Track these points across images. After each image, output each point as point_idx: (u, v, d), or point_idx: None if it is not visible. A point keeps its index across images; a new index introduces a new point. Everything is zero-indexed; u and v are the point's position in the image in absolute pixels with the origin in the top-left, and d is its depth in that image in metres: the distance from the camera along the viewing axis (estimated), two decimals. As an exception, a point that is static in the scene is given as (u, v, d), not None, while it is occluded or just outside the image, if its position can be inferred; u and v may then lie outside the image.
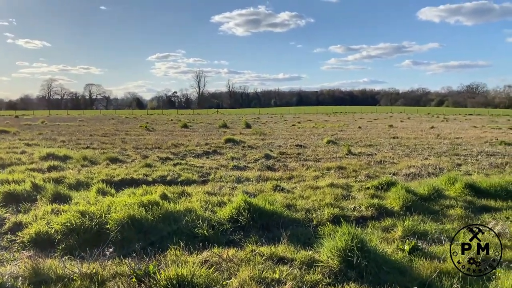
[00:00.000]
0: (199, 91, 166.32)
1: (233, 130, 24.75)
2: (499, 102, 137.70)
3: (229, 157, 12.17)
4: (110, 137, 18.73)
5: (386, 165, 11.01)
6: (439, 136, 20.58)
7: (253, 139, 17.92)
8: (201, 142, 16.24)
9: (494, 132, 23.83)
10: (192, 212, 5.78)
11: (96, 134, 20.50)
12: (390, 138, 19.17)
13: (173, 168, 9.97)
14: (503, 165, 10.91)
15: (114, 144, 15.67)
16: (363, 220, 5.93)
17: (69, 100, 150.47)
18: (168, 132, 22.28)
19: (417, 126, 31.00)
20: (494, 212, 6.20)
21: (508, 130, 25.77)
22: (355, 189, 7.74)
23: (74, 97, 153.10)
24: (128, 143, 15.94)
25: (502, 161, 11.62)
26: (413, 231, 5.10)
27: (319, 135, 21.08)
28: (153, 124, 31.31)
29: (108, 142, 16.45)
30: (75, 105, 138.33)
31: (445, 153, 13.61)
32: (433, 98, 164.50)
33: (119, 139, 17.74)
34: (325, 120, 41.43)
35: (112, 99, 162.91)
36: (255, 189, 7.70)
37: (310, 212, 6.10)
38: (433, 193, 6.86)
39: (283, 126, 30.63)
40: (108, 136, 19.33)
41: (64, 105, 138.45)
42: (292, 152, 13.57)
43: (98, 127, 27.30)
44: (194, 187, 7.89)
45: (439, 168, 10.38)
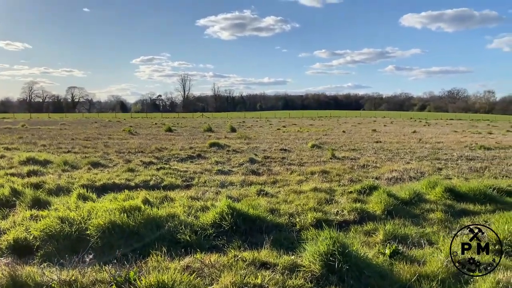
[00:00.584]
0: (184, 95, 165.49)
1: (218, 134, 24.69)
2: (479, 107, 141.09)
3: (213, 161, 12.12)
4: (92, 141, 18.45)
5: (369, 169, 11.13)
6: (421, 140, 20.94)
7: (238, 143, 17.90)
8: (185, 146, 16.14)
9: (474, 137, 24.37)
10: (175, 217, 5.73)
11: (78, 138, 20.16)
12: (373, 143, 19.41)
13: (156, 172, 9.88)
14: (482, 169, 11.16)
15: (96, 148, 15.44)
16: (345, 224, 5.97)
17: (51, 103, 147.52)
18: (152, 136, 22.08)
19: (400, 130, 31.48)
20: (473, 215, 6.33)
21: (487, 135, 26.39)
22: (338, 193, 7.80)
23: (56, 100, 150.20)
24: (110, 147, 15.74)
25: (481, 165, 11.88)
26: (394, 235, 5.17)
27: (303, 139, 21.19)
28: (136, 128, 31.00)
29: (90, 146, 16.21)
30: (57, 108, 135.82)
31: (426, 157, 13.84)
32: (416, 103, 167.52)
33: (101, 143, 17.49)
34: (310, 124, 41.70)
35: (95, 102, 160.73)
36: (239, 193, 7.68)
37: (293, 217, 6.12)
38: (414, 197, 6.97)
39: (268, 130, 30.71)
40: (90, 140, 19.04)
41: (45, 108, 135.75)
42: (276, 156, 13.60)
43: (80, 130, 26.87)
44: (177, 192, 7.83)
45: (420, 172, 10.55)
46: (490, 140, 21.72)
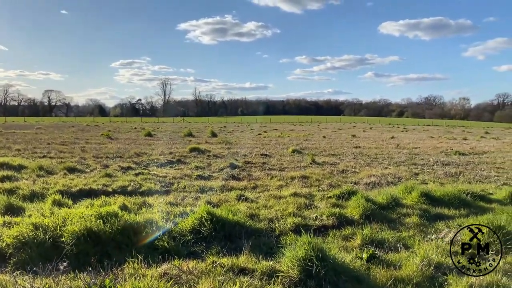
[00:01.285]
0: (165, 99, 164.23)
1: (199, 139, 24.55)
2: (455, 114, 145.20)
3: (193, 166, 12.04)
4: (69, 146, 18.05)
5: (348, 174, 11.27)
6: (399, 146, 21.34)
7: (219, 148, 17.84)
8: (165, 151, 15.97)
9: (449, 143, 25.01)
10: (153, 223, 5.65)
11: (54, 143, 19.69)
12: (352, 148, 19.67)
13: (134, 178, 9.74)
14: (457, 174, 11.46)
15: (73, 153, 15.11)
16: (324, 229, 6.02)
17: (27, 106, 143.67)
18: (131, 141, 21.76)
19: (378, 136, 32.02)
20: (447, 220, 6.48)
21: (462, 141, 27.12)
22: (317, 198, 7.86)
23: (32, 104, 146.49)
24: (88, 152, 15.43)
25: (456, 170, 12.20)
26: (371, 239, 5.24)
27: (284, 144, 21.30)
28: (115, 132, 30.51)
29: (67, 151, 15.85)
30: (33, 112, 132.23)
31: (403, 162, 14.12)
32: (394, 109, 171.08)
33: (78, 147, 17.13)
34: (291, 130, 41.96)
35: (72, 106, 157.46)
36: (219, 199, 7.65)
37: (273, 222, 6.13)
38: (391, 202, 7.09)
39: (249, 135, 30.73)
40: (67, 145, 18.62)
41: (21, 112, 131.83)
42: (257, 161, 13.62)
43: (56, 135, 26.25)
44: (156, 197, 7.73)
45: (397, 177, 10.75)
46: (465, 146, 22.33)
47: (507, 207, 6.94)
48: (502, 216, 6.18)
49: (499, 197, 7.87)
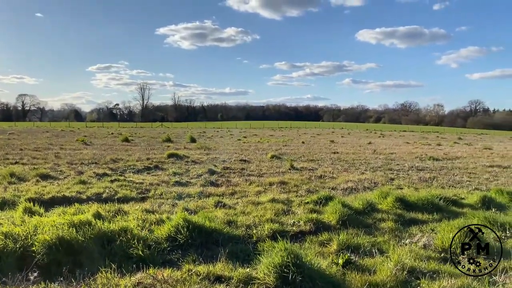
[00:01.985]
0: (143, 104, 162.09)
1: (177, 144, 24.32)
2: (430, 120, 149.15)
3: (171, 172, 11.90)
4: (42, 152, 17.56)
5: (326, 180, 11.38)
6: (376, 151, 21.71)
7: (198, 154, 17.72)
8: (142, 157, 15.74)
9: (424, 148, 25.62)
10: (128, 231, 5.54)
11: (27, 148, 19.11)
12: (331, 153, 19.88)
13: (110, 184, 9.55)
14: (431, 179, 11.73)
15: (46, 159, 14.70)
16: (301, 235, 6.04)
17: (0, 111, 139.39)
18: (108, 146, 21.34)
19: (356, 141, 32.51)
20: (421, 224, 6.61)
21: (436, 147, 27.83)
22: (295, 204, 7.89)
23: (5, 108, 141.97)
24: (62, 158, 15.04)
25: (430, 175, 12.49)
26: (347, 245, 5.29)
27: (263, 150, 21.34)
28: (91, 138, 29.89)
29: (40, 157, 15.41)
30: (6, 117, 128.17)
31: (380, 168, 14.36)
32: (372, 115, 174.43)
33: (52, 153, 16.67)
34: (271, 135, 42.11)
35: (47, 111, 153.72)
36: (196, 205, 7.58)
37: (250, 228, 6.11)
38: (367, 207, 7.19)
39: (229, 140, 30.67)
40: (40, 151, 18.10)
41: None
42: (236, 167, 13.59)
43: (30, 140, 25.50)
44: (131, 204, 7.60)
45: (374, 183, 10.92)
46: (439, 151, 22.92)
47: (478, 211, 7.13)
48: (473, 220, 6.37)
49: (471, 201, 8.10)
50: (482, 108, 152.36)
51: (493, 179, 12.15)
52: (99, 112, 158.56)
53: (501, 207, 7.73)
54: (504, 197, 8.17)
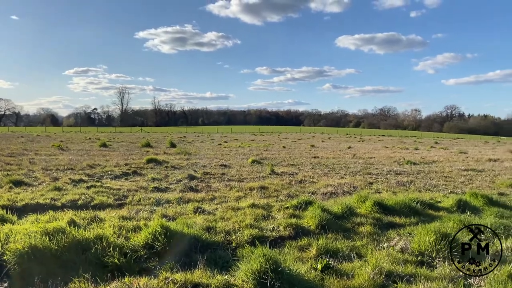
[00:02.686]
0: (122, 108, 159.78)
1: (157, 149, 24.02)
2: (408, 124, 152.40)
3: (150, 178, 11.71)
4: (16, 158, 17.02)
5: (306, 184, 11.41)
6: (355, 155, 21.97)
7: (177, 159, 17.52)
8: (120, 162, 15.45)
9: (402, 152, 26.09)
10: (103, 239, 5.40)
11: (0, 154, 18.49)
12: (311, 158, 20.00)
13: (86, 191, 9.31)
14: (408, 183, 11.93)
15: (20, 165, 14.25)
16: (281, 240, 6.02)
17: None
18: (85, 152, 20.88)
19: (336, 146, 32.84)
20: (398, 228, 6.69)
21: (414, 151, 28.39)
22: (275, 209, 7.87)
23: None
24: (37, 164, 14.61)
25: (408, 179, 12.70)
26: (326, 249, 5.29)
27: (244, 154, 21.30)
28: (68, 143, 29.20)
29: (14, 163, 14.92)
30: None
31: (359, 172, 14.52)
32: (351, 119, 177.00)
33: (27, 159, 16.18)
34: (252, 140, 42.11)
35: (23, 116, 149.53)
36: (175, 212, 7.46)
37: (230, 234, 6.05)
38: (346, 211, 7.23)
39: (210, 145, 30.49)
40: (14, 156, 17.54)
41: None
42: (216, 172, 13.49)
43: (3, 146, 24.70)
44: (108, 211, 7.42)
45: (353, 187, 11.02)
46: (416, 155, 23.37)
47: (453, 214, 7.27)
48: (448, 223, 6.49)
49: (446, 205, 8.25)
50: (457, 113, 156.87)
51: (468, 182, 12.44)
52: (76, 116, 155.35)
53: (476, 210, 7.90)
54: (478, 201, 8.36)
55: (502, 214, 7.34)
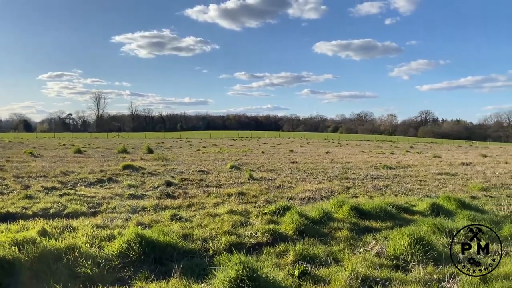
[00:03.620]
0: (98, 113, 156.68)
1: (134, 155, 23.63)
2: (384, 129, 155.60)
3: (125, 185, 11.48)
4: (-14, 164, 16.39)
5: (285, 190, 11.44)
6: (333, 160, 22.21)
7: (155, 165, 17.27)
8: (95, 169, 15.09)
9: (378, 157, 26.55)
10: (76, 249, 5.25)
11: (-32, 161, 17.79)
12: (290, 163, 20.09)
13: (59, 199, 9.04)
14: (385, 187, 12.13)
15: (-10, 172, 13.74)
16: (259, 247, 5.99)
17: None
18: (58, 158, 20.31)
19: (314, 151, 33.13)
20: (375, 232, 6.76)
21: (390, 155, 28.93)
22: (253, 215, 7.84)
23: None
24: (7, 171, 14.11)
25: (384, 183, 12.91)
26: (303, 255, 5.29)
27: (223, 160, 21.20)
28: (41, 150, 28.38)
29: (-17, 170, 14.38)
30: None
31: (337, 176, 14.67)
32: (330, 124, 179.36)
33: (-3, 166, 15.62)
34: (231, 145, 42.00)
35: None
36: (151, 219, 7.33)
37: (207, 242, 5.99)
38: (323, 216, 7.26)
39: (188, 151, 30.23)
40: (-17, 163, 16.90)
41: None
42: (194, 178, 13.36)
43: (-28, 152, 23.80)
44: (81, 220, 7.22)
45: (331, 192, 11.11)
46: (392, 160, 23.82)
47: (428, 218, 7.41)
48: (423, 227, 6.61)
49: (421, 208, 8.42)
50: (431, 118, 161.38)
51: (441, 186, 12.75)
52: (50, 122, 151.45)
53: (449, 213, 8.09)
54: (451, 204, 8.56)
55: (474, 217, 7.53)
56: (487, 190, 11.79)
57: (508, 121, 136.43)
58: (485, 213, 8.26)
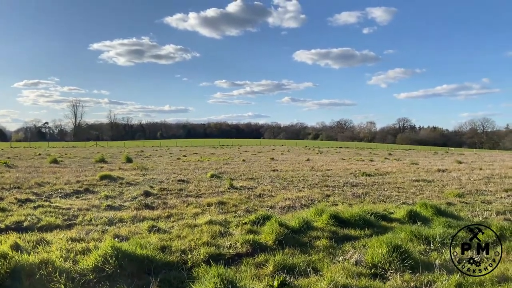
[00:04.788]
0: (76, 122, 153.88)
1: (112, 165, 23.21)
2: (363, 136, 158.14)
3: (103, 196, 11.24)
4: (-44, 176, 15.81)
5: (265, 198, 11.43)
6: (313, 168, 22.36)
7: (133, 175, 17.00)
8: (71, 179, 14.73)
9: (358, 164, 26.89)
10: (49, 263, 5.09)
11: None
12: (270, 171, 20.11)
13: (33, 211, 8.77)
14: (364, 195, 12.27)
15: (-40, 184, 13.23)
16: (238, 257, 5.94)
17: None
18: (34, 169, 19.76)
19: (295, 158, 33.31)
20: (354, 240, 6.81)
21: (369, 162, 29.35)
22: (233, 225, 7.79)
23: None
24: (-21, 182, 13.63)
25: (363, 191, 13.07)
26: (283, 265, 5.28)
27: (203, 168, 21.07)
28: (15, 160, 27.57)
29: (-47, 182, 13.84)
30: None
31: (317, 184, 14.76)
32: (310, 132, 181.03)
33: (-32, 178, 15.07)
34: (211, 153, 41.81)
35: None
36: (128, 231, 7.18)
37: (185, 253, 5.90)
38: (303, 225, 7.27)
39: (168, 159, 29.91)
40: (-47, 175, 16.29)
41: None
42: (174, 188, 13.21)
43: None
44: (56, 233, 7.02)
45: (311, 200, 11.17)
46: (371, 167, 24.16)
47: (405, 225, 7.52)
48: (400, 234, 6.70)
49: (399, 216, 8.54)
50: (409, 125, 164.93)
51: (419, 193, 12.99)
52: (26, 131, 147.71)
53: (426, 220, 8.22)
54: (428, 211, 8.72)
55: (449, 224, 7.68)
56: (462, 196, 12.07)
57: (482, 128, 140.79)
58: (460, 219, 8.45)
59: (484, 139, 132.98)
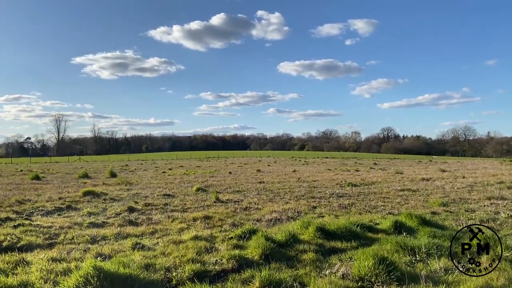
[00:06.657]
0: (58, 137, 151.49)
1: (95, 180, 22.82)
2: (349, 146, 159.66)
3: (85, 212, 11.01)
4: None
5: (252, 212, 11.35)
6: (300, 179, 22.39)
7: (118, 190, 16.73)
8: (53, 196, 14.41)
9: (344, 174, 27.04)
10: (29, 286, 4.94)
11: None
12: (257, 183, 20.06)
13: (13, 230, 8.50)
14: (350, 206, 12.30)
15: None
16: (224, 274, 5.84)
17: None
18: (14, 186, 19.28)
19: (282, 170, 33.33)
20: (340, 253, 6.79)
21: (355, 172, 29.55)
22: (219, 240, 7.69)
23: None
24: (-44, 201, 13.21)
25: (349, 202, 13.11)
26: (269, 281, 5.21)
27: (189, 182, 20.89)
28: (-4, 176, 26.89)
29: None
30: None
31: (303, 196, 14.76)
32: (296, 142, 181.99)
33: None
34: (198, 166, 41.53)
35: None
36: (111, 249, 7.02)
37: (170, 271, 5.78)
38: (289, 239, 7.22)
39: (153, 173, 29.58)
40: None
41: None
42: (159, 202, 13.03)
43: None
44: (36, 253, 6.81)
45: (297, 212, 11.14)
46: (357, 177, 24.32)
47: (391, 236, 7.54)
48: (386, 246, 6.71)
49: (384, 226, 8.56)
50: (393, 135, 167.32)
51: (404, 202, 13.09)
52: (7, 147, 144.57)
53: (411, 230, 8.26)
54: (413, 221, 8.77)
55: (435, 233, 7.72)
56: (446, 205, 12.21)
57: (464, 136, 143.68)
58: (445, 229, 8.50)
59: (466, 147, 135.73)
